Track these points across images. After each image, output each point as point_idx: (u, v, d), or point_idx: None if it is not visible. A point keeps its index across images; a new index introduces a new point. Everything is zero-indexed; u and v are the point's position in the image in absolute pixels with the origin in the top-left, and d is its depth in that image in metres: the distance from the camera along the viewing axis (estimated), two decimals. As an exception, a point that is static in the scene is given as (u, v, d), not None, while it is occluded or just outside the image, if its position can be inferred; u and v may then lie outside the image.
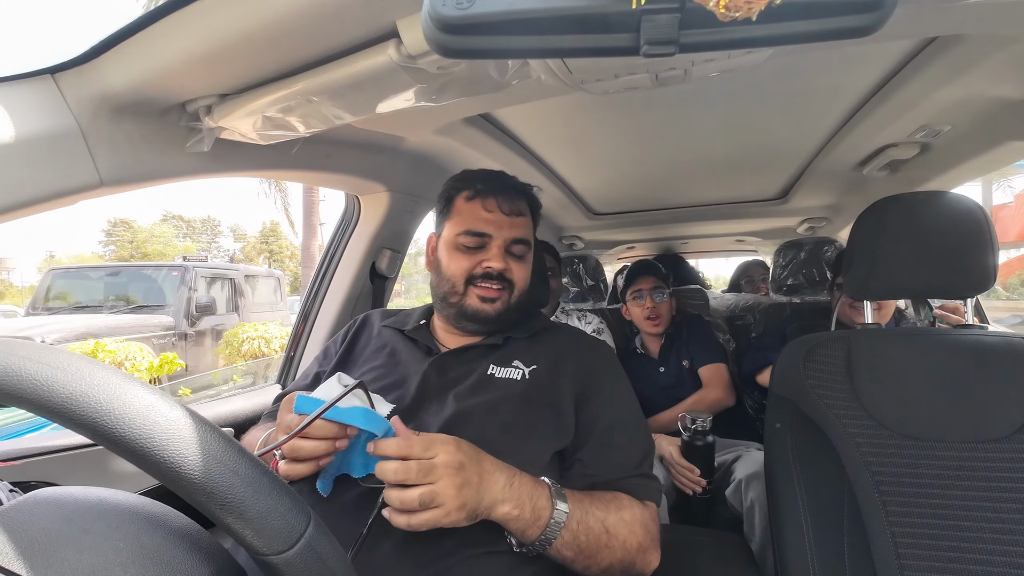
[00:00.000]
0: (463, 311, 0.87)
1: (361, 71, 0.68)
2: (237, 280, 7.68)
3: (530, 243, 0.91)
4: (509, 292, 0.88)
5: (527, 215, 0.92)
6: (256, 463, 0.39)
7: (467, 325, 0.89)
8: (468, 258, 0.87)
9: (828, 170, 1.62)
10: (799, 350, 0.94)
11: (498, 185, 0.90)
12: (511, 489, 0.63)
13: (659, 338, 1.86)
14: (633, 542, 0.71)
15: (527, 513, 0.64)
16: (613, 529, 0.69)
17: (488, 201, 0.88)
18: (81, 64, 0.68)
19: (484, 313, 0.86)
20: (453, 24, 0.38)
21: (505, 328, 0.90)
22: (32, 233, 47.73)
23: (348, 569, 0.42)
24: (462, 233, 0.87)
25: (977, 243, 0.86)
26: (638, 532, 0.71)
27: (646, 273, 1.85)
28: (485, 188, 0.89)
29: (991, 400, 0.81)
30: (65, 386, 0.34)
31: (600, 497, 0.72)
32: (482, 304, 0.86)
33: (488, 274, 0.86)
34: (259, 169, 1.03)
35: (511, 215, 0.88)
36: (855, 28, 0.38)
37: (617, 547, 0.69)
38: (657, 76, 0.71)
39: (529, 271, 0.92)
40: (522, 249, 0.90)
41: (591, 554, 0.68)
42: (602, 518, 0.69)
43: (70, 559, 0.35)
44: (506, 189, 0.90)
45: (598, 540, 0.68)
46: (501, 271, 0.86)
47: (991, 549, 0.75)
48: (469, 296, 0.87)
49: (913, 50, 0.95)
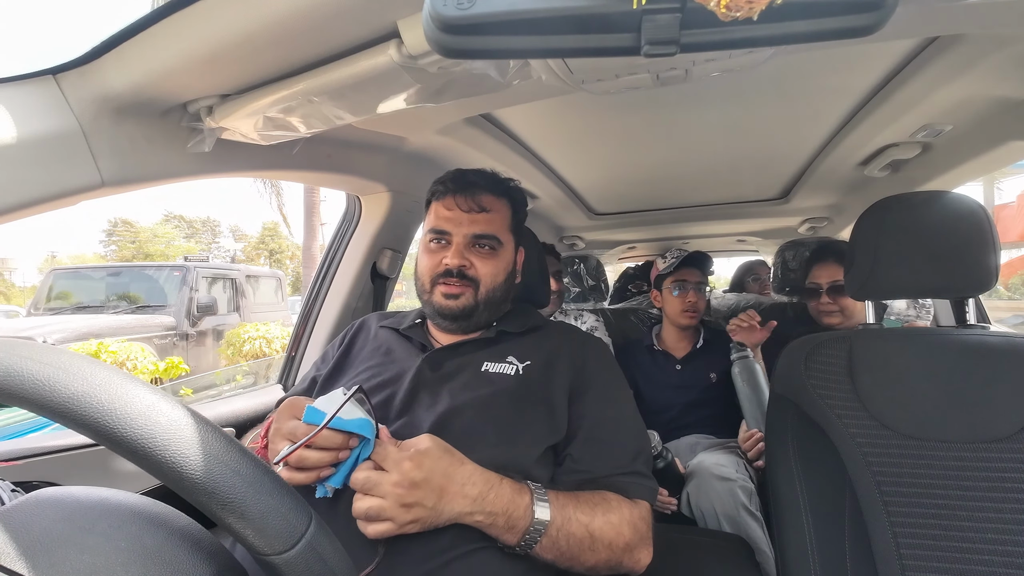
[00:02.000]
0: (432, 307, 0.90)
1: (362, 71, 0.68)
2: (238, 280, 7.69)
3: (498, 239, 0.90)
4: (474, 288, 0.88)
5: (496, 210, 0.91)
6: (257, 463, 0.39)
7: (442, 323, 0.91)
8: (432, 256, 0.90)
9: (829, 170, 1.62)
10: (800, 350, 0.93)
11: (460, 183, 0.91)
12: (483, 502, 0.64)
13: (687, 336, 1.79)
14: (619, 543, 0.71)
15: (500, 522, 0.65)
16: (598, 533, 0.70)
17: (447, 200, 0.90)
18: (83, 65, 0.68)
19: (448, 309, 0.88)
20: (454, 24, 0.38)
21: (484, 325, 0.91)
22: (34, 233, 47.88)
23: (349, 569, 0.42)
24: (428, 232, 0.91)
25: (979, 243, 0.86)
26: (625, 532, 0.72)
27: (695, 265, 1.75)
28: (446, 188, 0.91)
29: (993, 400, 0.81)
30: (67, 386, 0.34)
31: (587, 500, 0.72)
32: (446, 301, 0.87)
33: (448, 271, 0.87)
34: (260, 169, 1.03)
35: (470, 212, 0.89)
36: (856, 28, 0.38)
37: (601, 549, 0.70)
38: (658, 76, 0.71)
39: (500, 267, 0.91)
40: (487, 243, 0.89)
41: (573, 556, 0.69)
42: (586, 523, 0.69)
43: (72, 559, 0.35)
44: (467, 187, 0.90)
45: (580, 544, 0.68)
46: (460, 267, 0.87)
47: (993, 550, 0.75)
48: (435, 294, 0.89)
49: (914, 50, 0.95)
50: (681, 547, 1.02)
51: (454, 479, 0.64)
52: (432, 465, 0.63)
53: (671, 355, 1.79)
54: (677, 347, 1.80)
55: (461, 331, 0.91)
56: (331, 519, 0.54)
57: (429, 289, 0.89)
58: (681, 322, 1.75)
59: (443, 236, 0.89)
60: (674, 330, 1.80)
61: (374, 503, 0.60)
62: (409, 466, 0.62)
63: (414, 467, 0.62)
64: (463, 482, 0.65)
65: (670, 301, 1.76)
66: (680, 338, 1.80)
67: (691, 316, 1.72)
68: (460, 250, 0.88)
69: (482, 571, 0.66)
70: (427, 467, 0.63)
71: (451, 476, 0.64)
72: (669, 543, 0.76)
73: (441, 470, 0.64)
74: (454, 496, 0.64)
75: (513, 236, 0.95)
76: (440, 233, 0.89)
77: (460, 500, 0.64)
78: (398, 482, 0.61)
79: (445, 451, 0.66)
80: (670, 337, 1.82)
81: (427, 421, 0.75)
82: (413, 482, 0.61)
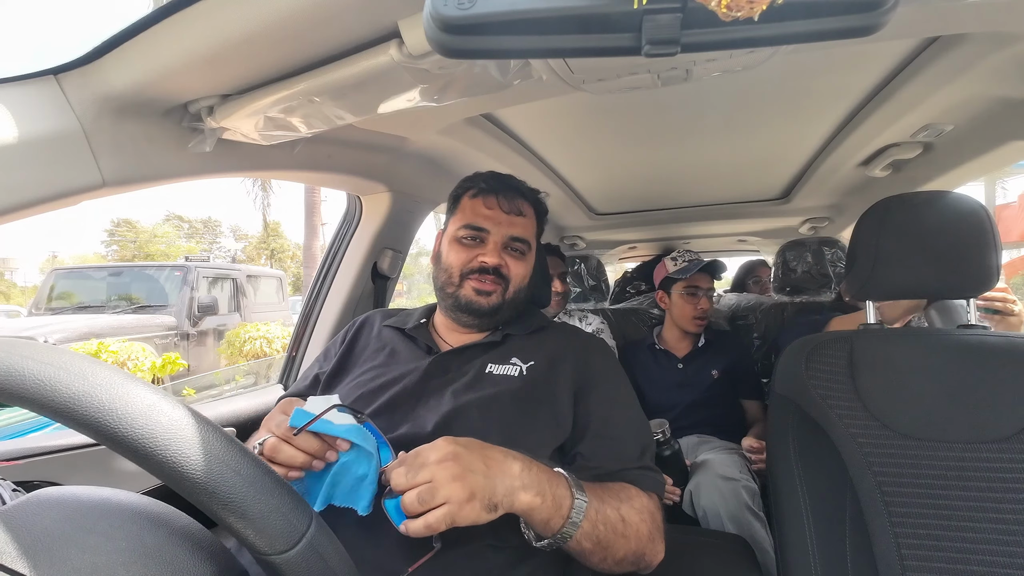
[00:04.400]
0: (458, 302, 0.89)
1: (363, 71, 0.68)
2: (239, 280, 7.69)
3: (530, 243, 0.93)
4: (504, 288, 0.89)
5: (528, 216, 0.93)
6: (258, 463, 0.39)
7: (462, 317, 0.91)
8: (466, 251, 0.89)
9: (830, 170, 1.62)
10: (801, 350, 0.93)
11: (501, 185, 0.92)
12: (529, 475, 0.61)
13: (688, 336, 1.79)
14: (644, 531, 0.71)
15: (548, 502, 0.61)
16: (628, 518, 0.69)
17: (489, 199, 0.90)
18: (84, 65, 0.68)
19: (477, 305, 0.88)
20: (455, 24, 0.38)
21: (502, 324, 0.92)
22: (35, 233, 47.92)
23: (350, 568, 0.42)
24: (462, 227, 0.90)
25: (980, 243, 0.86)
26: (648, 521, 0.72)
27: (709, 272, 1.74)
28: (487, 187, 0.92)
29: (994, 400, 0.81)
30: (68, 386, 0.34)
31: (611, 487, 0.72)
32: (476, 296, 0.87)
33: (484, 268, 0.87)
34: (261, 169, 1.03)
35: (510, 213, 0.90)
36: (857, 28, 0.38)
37: (632, 536, 0.69)
38: (659, 76, 0.71)
39: (527, 270, 0.93)
40: (520, 247, 0.91)
41: (608, 544, 0.66)
42: (617, 507, 0.69)
43: (73, 558, 0.35)
44: (508, 189, 0.92)
45: (615, 530, 0.67)
46: (496, 266, 0.88)
47: (994, 550, 0.75)
48: (464, 288, 0.88)
49: (915, 50, 0.95)
50: (683, 547, 1.02)
51: (491, 455, 0.61)
52: (465, 442, 0.60)
53: (672, 354, 1.80)
54: (679, 347, 1.81)
55: (477, 329, 0.92)
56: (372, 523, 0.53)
57: (458, 282, 0.89)
58: (690, 328, 1.76)
59: (480, 233, 0.89)
60: (676, 330, 1.81)
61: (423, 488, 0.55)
62: (443, 442, 0.58)
63: (447, 442, 0.58)
64: (501, 458, 0.61)
65: (679, 306, 1.77)
66: (682, 338, 1.81)
67: (700, 323, 1.74)
68: (498, 249, 0.89)
69: (487, 572, 0.65)
70: (462, 442, 0.60)
71: (487, 452, 0.61)
72: (671, 543, 0.76)
73: (476, 445, 0.61)
74: (500, 468, 0.60)
75: (536, 243, 0.97)
76: (478, 230, 0.89)
77: (507, 472, 0.60)
78: (441, 457, 0.56)
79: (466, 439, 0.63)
80: (672, 337, 1.83)
81: (431, 422, 0.75)
82: (455, 453, 0.57)
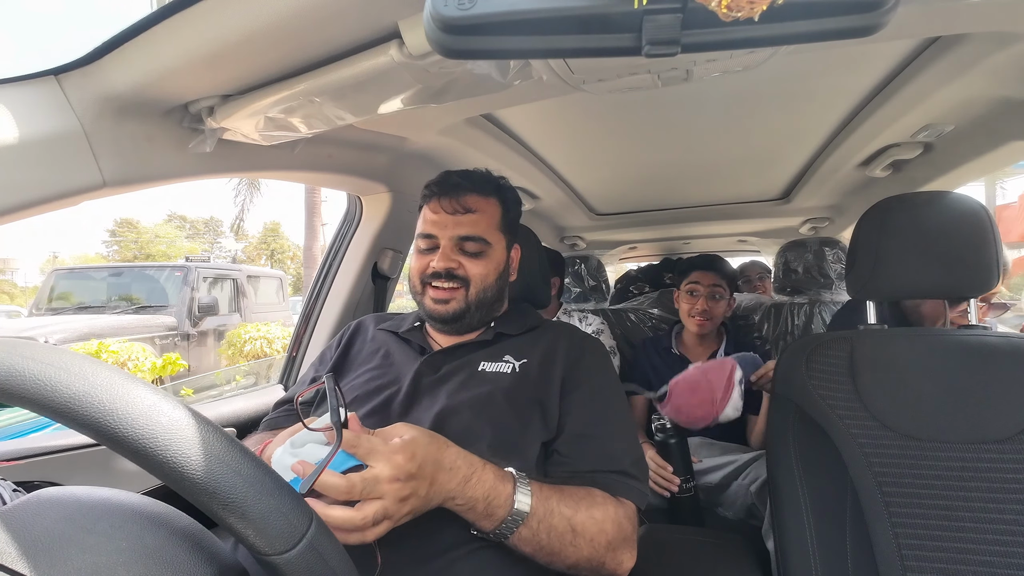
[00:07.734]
0: (425, 310, 0.91)
1: (363, 72, 0.68)
2: (239, 280, 7.69)
3: (484, 239, 0.89)
4: (465, 290, 0.88)
5: (482, 211, 0.90)
6: (258, 463, 0.39)
7: (435, 324, 0.92)
8: (422, 259, 0.91)
9: (830, 170, 1.62)
10: (801, 350, 0.93)
11: (444, 186, 0.91)
12: (465, 486, 0.63)
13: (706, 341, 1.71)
14: (602, 540, 0.70)
15: (479, 508, 0.64)
16: (580, 527, 0.68)
17: (433, 203, 0.91)
18: (84, 65, 0.68)
19: (438, 314, 0.88)
20: (455, 24, 0.38)
21: (493, 323, 0.92)
22: (36, 234, 47.89)
23: (350, 569, 0.42)
24: (419, 236, 0.92)
25: (980, 243, 0.86)
26: (608, 530, 0.70)
27: (706, 268, 1.66)
28: (431, 192, 0.92)
29: (994, 401, 0.81)
30: (68, 386, 0.34)
31: (572, 494, 0.71)
32: (435, 305, 0.88)
33: (436, 273, 0.88)
34: (261, 169, 1.03)
35: (455, 213, 0.88)
36: (857, 28, 0.38)
37: (584, 545, 0.68)
38: (659, 76, 0.71)
39: (488, 268, 0.90)
40: (475, 246, 0.89)
41: (553, 551, 0.67)
42: (569, 516, 0.68)
43: (73, 559, 0.35)
44: (450, 189, 0.90)
45: (562, 539, 0.67)
46: (448, 270, 0.87)
47: (994, 550, 0.75)
48: (426, 297, 0.90)
49: (915, 50, 0.95)
50: (681, 547, 1.02)
51: (442, 465, 0.63)
52: (423, 454, 0.61)
53: (687, 360, 1.69)
54: (696, 351, 1.72)
55: (456, 332, 0.92)
56: None
57: (421, 291, 0.91)
58: (691, 328, 1.69)
59: (431, 240, 0.90)
60: (692, 334, 1.73)
61: (377, 506, 0.55)
62: (402, 459, 0.58)
63: (407, 459, 0.59)
64: (450, 467, 0.63)
65: (681, 305, 1.71)
66: (698, 343, 1.72)
67: (699, 323, 1.65)
68: (447, 253, 0.88)
69: (487, 571, 0.66)
70: (419, 457, 0.60)
71: (440, 462, 0.63)
72: (669, 543, 0.76)
73: (432, 458, 0.62)
74: (443, 482, 0.62)
75: (504, 235, 0.93)
76: (427, 237, 0.90)
77: (445, 486, 0.62)
78: (394, 477, 0.57)
79: (430, 437, 0.64)
80: (689, 340, 1.75)
81: (425, 422, 0.75)
82: (409, 474, 0.58)
